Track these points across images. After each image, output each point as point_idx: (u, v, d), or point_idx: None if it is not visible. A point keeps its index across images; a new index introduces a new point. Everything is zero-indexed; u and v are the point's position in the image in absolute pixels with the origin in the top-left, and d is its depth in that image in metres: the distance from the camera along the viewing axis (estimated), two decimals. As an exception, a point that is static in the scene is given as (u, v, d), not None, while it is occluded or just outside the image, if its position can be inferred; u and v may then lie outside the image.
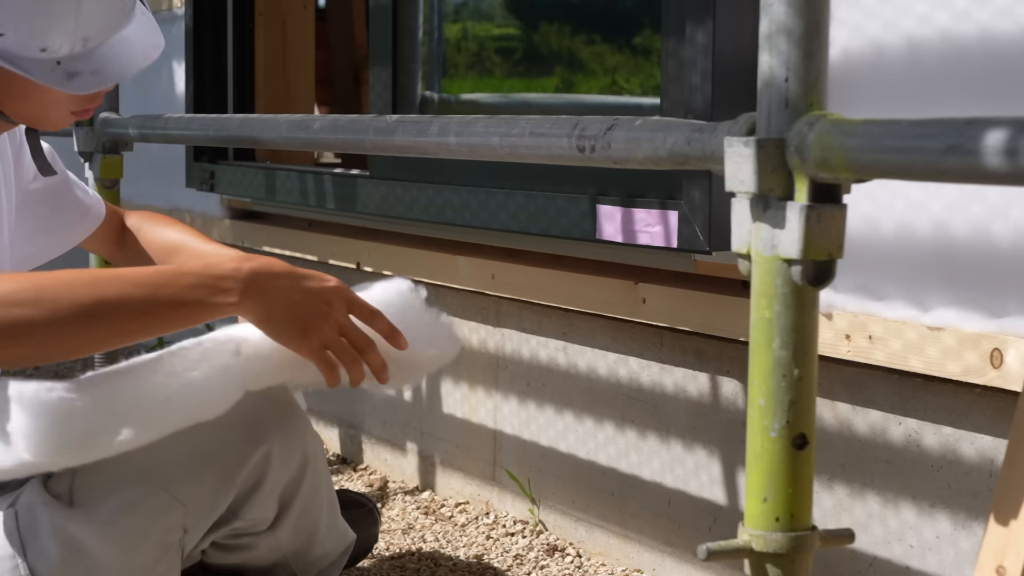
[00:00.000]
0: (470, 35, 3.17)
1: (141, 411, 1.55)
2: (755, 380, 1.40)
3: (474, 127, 1.86)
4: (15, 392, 1.53)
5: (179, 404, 1.57)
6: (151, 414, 1.55)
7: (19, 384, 1.54)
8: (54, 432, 1.52)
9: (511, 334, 2.90)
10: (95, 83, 1.66)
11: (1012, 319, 1.82)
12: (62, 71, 1.64)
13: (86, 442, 1.54)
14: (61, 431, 1.52)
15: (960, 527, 1.98)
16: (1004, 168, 1.15)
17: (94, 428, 1.53)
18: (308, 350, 1.62)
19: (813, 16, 1.36)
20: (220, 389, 1.58)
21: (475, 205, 2.76)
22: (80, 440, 1.53)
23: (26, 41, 1.60)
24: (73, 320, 1.52)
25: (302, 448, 1.68)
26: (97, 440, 1.54)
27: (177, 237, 2.14)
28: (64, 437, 1.52)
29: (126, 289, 1.55)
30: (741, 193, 1.40)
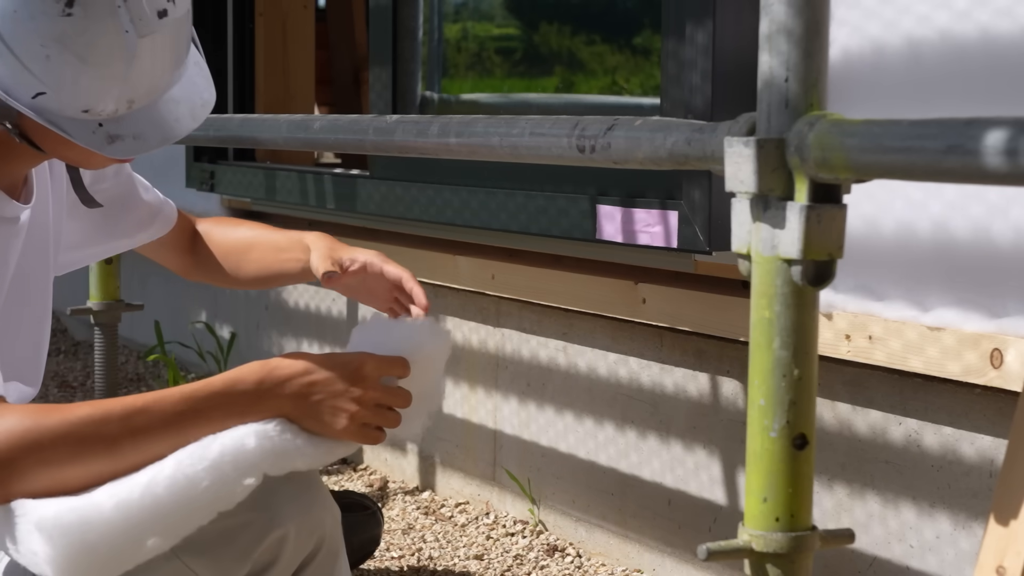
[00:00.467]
0: (470, 35, 3.17)
1: (165, 520, 1.55)
2: (755, 380, 1.40)
3: (474, 127, 1.86)
4: (36, 517, 1.52)
5: (201, 506, 1.56)
6: (172, 520, 1.55)
7: (39, 507, 1.52)
8: (80, 556, 1.51)
9: (511, 334, 2.90)
10: (137, 148, 1.60)
11: (1012, 319, 1.82)
12: (103, 133, 1.57)
13: (112, 560, 1.54)
14: (86, 554, 1.52)
15: (960, 527, 1.98)
16: (1004, 168, 1.15)
17: (119, 546, 1.53)
18: (348, 436, 1.65)
19: (813, 16, 1.36)
20: (239, 483, 1.58)
21: (475, 205, 2.76)
22: (106, 560, 1.53)
23: (68, 102, 1.54)
24: (103, 454, 1.54)
25: (320, 530, 1.68)
26: (123, 556, 1.54)
27: (248, 234, 2.14)
28: (90, 559, 1.52)
29: (153, 422, 1.57)
30: (741, 193, 1.40)
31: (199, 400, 1.59)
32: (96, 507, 1.52)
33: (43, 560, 1.51)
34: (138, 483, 1.54)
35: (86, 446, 1.52)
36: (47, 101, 1.54)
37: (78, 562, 1.51)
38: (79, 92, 1.54)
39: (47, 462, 1.51)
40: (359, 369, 1.65)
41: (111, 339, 3.27)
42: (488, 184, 2.73)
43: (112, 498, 1.53)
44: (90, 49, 1.52)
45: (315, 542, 1.69)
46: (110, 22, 1.51)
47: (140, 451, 1.56)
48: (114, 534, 1.52)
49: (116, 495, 1.53)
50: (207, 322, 4.23)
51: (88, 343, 4.92)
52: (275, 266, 2.09)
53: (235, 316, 4.12)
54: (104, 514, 1.52)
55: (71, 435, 1.52)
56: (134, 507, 1.53)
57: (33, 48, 1.51)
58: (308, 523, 1.65)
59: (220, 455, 1.57)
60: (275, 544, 1.63)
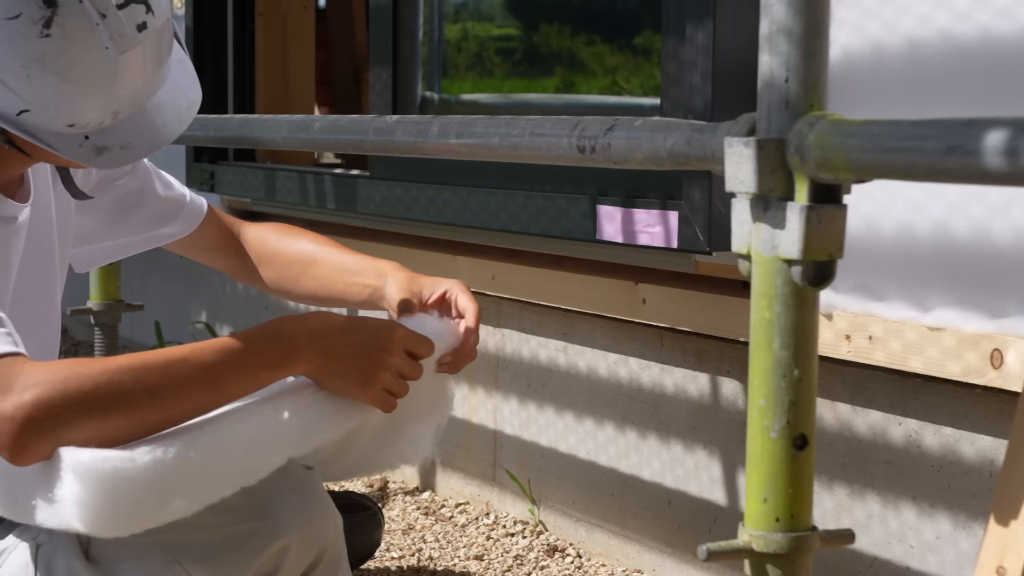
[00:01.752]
0: (470, 35, 3.17)
1: (190, 482, 1.55)
2: (755, 380, 1.40)
3: (474, 127, 1.86)
4: (70, 460, 1.52)
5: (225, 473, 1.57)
6: (199, 485, 1.56)
7: (74, 451, 1.52)
8: (107, 503, 1.51)
9: (511, 334, 2.90)
10: (125, 158, 1.60)
11: (1012, 319, 1.82)
12: (90, 146, 1.57)
13: (136, 514, 1.54)
14: (114, 503, 1.52)
15: (960, 527, 1.98)
16: (1004, 168, 1.15)
17: (145, 501, 1.54)
18: (368, 397, 1.66)
19: (813, 17, 1.36)
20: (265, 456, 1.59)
21: (475, 205, 2.76)
22: (130, 512, 1.53)
23: (52, 118, 1.54)
24: (144, 403, 1.54)
25: (322, 540, 1.68)
26: (147, 512, 1.54)
27: (312, 248, 2.07)
28: (116, 509, 1.52)
29: (192, 371, 1.57)
30: (741, 193, 1.40)
31: (235, 351, 1.59)
32: (131, 459, 1.52)
33: (71, 502, 1.51)
34: (173, 444, 1.54)
35: (125, 395, 1.52)
36: (31, 118, 1.53)
37: (105, 509, 1.51)
38: (62, 109, 1.53)
39: (88, 411, 1.50)
40: (391, 335, 1.66)
41: (111, 339, 3.27)
42: (488, 184, 2.73)
43: (147, 454, 1.53)
44: (71, 68, 1.51)
45: (317, 552, 1.69)
46: (89, 40, 1.51)
47: (180, 401, 1.56)
48: (143, 488, 1.52)
49: (152, 452, 1.53)
50: (207, 322, 4.23)
51: (88, 343, 4.92)
52: (339, 287, 2.04)
53: (235, 316, 4.12)
54: (138, 467, 1.52)
55: (111, 384, 1.51)
56: (166, 466, 1.53)
57: (14, 68, 1.50)
58: (311, 533, 1.65)
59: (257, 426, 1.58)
60: (277, 554, 1.64)
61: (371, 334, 1.65)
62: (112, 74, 1.53)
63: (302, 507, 1.64)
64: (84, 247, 1.97)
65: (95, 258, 2.03)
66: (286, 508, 1.62)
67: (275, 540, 1.62)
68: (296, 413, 1.62)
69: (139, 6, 1.53)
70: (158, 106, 1.63)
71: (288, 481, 1.64)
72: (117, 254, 2.08)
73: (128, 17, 1.52)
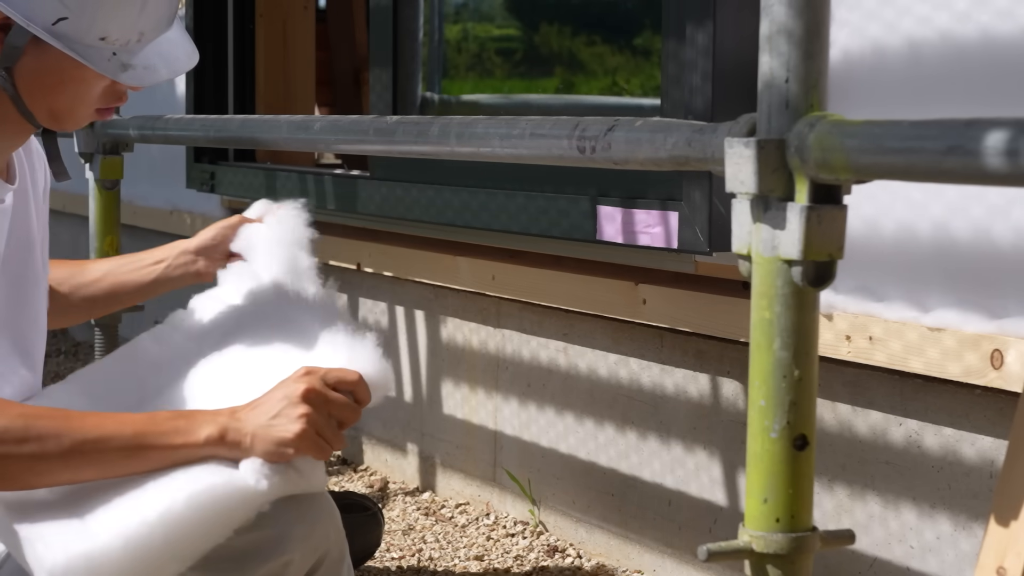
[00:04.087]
0: (470, 36, 3.17)
1: (174, 551, 1.54)
2: (756, 381, 1.40)
3: (475, 128, 1.86)
4: (48, 567, 1.51)
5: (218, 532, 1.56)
6: (190, 550, 1.55)
7: (49, 555, 1.51)
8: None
9: (512, 335, 2.90)
10: (147, 77, 1.69)
11: (1012, 320, 1.82)
12: (117, 62, 1.65)
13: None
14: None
15: (961, 528, 1.98)
16: (1005, 169, 1.15)
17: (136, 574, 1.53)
18: (303, 441, 1.62)
19: (813, 17, 1.36)
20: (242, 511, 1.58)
21: (476, 206, 2.76)
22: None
23: (87, 28, 1.61)
24: (58, 459, 1.55)
25: (324, 544, 1.67)
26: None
27: (103, 265, 2.13)
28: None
29: (111, 428, 1.58)
30: (741, 194, 1.40)
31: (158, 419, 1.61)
32: (105, 551, 1.51)
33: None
34: (147, 521, 1.53)
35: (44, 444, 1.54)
36: (67, 27, 1.60)
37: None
38: (98, 18, 1.61)
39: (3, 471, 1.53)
40: (304, 372, 1.66)
41: (111, 340, 3.27)
42: (488, 185, 2.74)
43: (120, 538, 1.52)
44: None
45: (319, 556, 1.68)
46: None
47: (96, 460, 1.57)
48: (127, 573, 1.51)
49: (125, 535, 1.52)
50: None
51: (88, 344, 4.92)
52: (127, 270, 2.10)
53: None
54: (115, 557, 1.51)
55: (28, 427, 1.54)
56: (145, 545, 1.52)
57: None
58: (312, 542, 1.65)
59: (232, 492, 1.56)
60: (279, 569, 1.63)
61: (288, 403, 1.63)
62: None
63: (303, 516, 1.62)
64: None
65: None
66: (289, 518, 1.61)
67: (279, 556, 1.61)
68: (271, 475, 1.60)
69: None
70: (171, 42, 1.74)
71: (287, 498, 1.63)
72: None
73: None
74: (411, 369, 3.25)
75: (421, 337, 3.20)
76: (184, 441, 1.59)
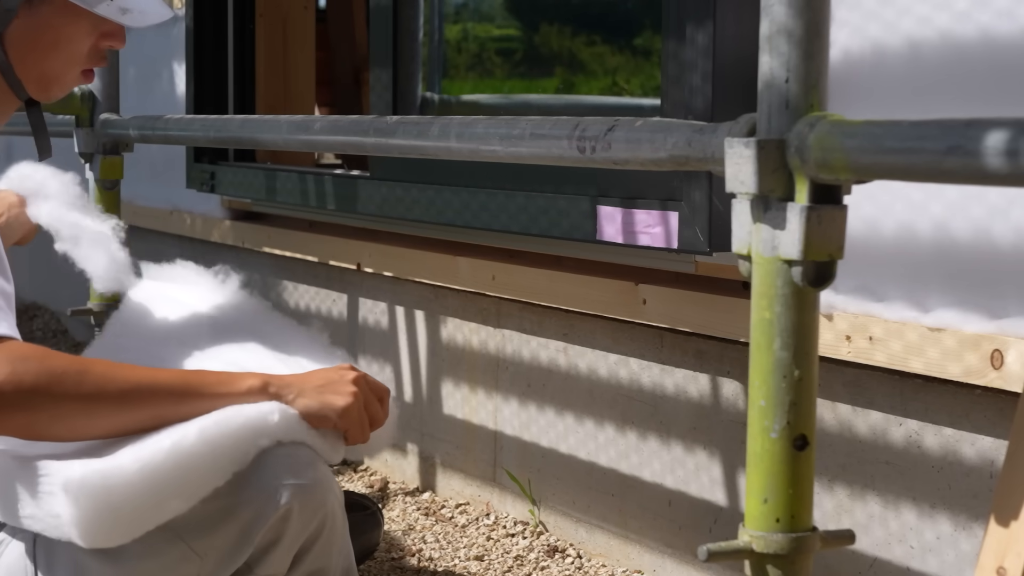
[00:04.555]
0: (470, 36, 3.17)
1: (183, 480, 1.59)
2: (756, 381, 1.40)
3: (475, 128, 1.86)
4: (62, 480, 1.55)
5: (220, 469, 1.61)
6: (192, 481, 1.59)
7: (64, 467, 1.56)
8: (103, 518, 1.55)
9: (512, 335, 2.90)
10: (143, 19, 1.80)
11: (1012, 320, 1.82)
12: (115, 6, 1.77)
13: (135, 521, 1.58)
14: (110, 516, 1.55)
15: (961, 528, 1.98)
16: (1005, 169, 1.15)
17: (142, 507, 1.57)
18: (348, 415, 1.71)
19: (813, 17, 1.36)
20: (251, 448, 1.63)
21: (476, 206, 2.76)
22: (129, 521, 1.57)
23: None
24: (114, 400, 1.59)
25: (323, 509, 1.69)
26: (145, 518, 1.58)
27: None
28: (113, 522, 1.56)
29: (163, 375, 1.65)
30: (741, 194, 1.40)
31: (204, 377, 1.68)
32: (120, 469, 1.55)
33: (67, 521, 1.55)
34: (161, 448, 1.57)
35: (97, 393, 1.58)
36: None
37: (102, 523, 1.55)
38: None
39: (56, 397, 1.55)
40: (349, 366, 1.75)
41: (112, 340, 3.26)
42: (488, 185, 2.73)
43: (137, 461, 1.56)
44: None
45: (318, 521, 1.69)
46: None
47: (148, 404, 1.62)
48: (138, 496, 1.56)
49: (140, 458, 1.57)
50: (207, 323, 4.23)
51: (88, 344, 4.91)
52: None
53: (235, 317, 4.12)
54: (128, 476, 1.55)
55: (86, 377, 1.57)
56: (158, 471, 1.56)
57: None
58: (311, 501, 1.66)
59: (243, 427, 1.62)
60: (278, 523, 1.64)
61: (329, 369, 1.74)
62: None
63: (299, 474, 1.66)
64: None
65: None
66: (284, 476, 1.64)
67: (277, 507, 1.63)
68: (285, 415, 1.66)
69: None
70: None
71: (283, 449, 1.65)
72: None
73: None
74: (411, 369, 3.25)
75: (421, 337, 3.20)
76: (227, 390, 1.65)
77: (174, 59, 4.22)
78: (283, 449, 1.65)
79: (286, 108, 4.01)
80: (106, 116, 3.10)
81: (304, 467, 1.66)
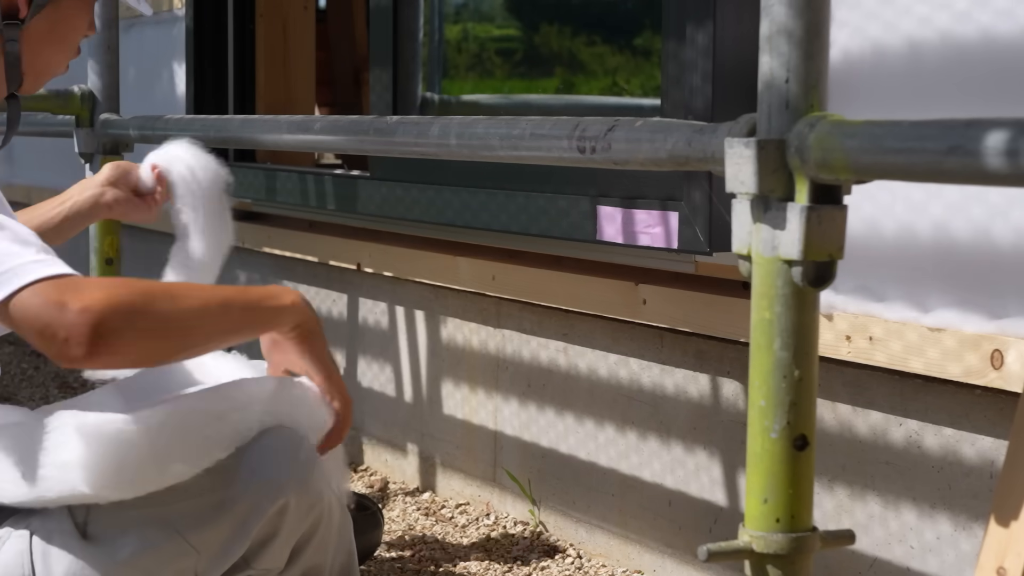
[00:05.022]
0: (471, 36, 3.17)
1: (189, 446, 1.61)
2: (756, 381, 1.40)
3: (475, 128, 1.86)
4: (76, 422, 1.58)
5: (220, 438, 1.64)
6: (197, 449, 1.62)
7: (79, 414, 1.59)
8: (111, 465, 1.57)
9: (512, 335, 2.90)
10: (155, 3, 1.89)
11: (1012, 320, 1.82)
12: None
13: (139, 476, 1.60)
14: (117, 465, 1.57)
15: (961, 528, 1.98)
16: (1005, 169, 1.16)
17: (147, 464, 1.59)
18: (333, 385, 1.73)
19: (814, 18, 1.36)
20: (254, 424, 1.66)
21: (476, 206, 2.76)
22: (134, 474, 1.59)
23: None
24: (195, 314, 1.62)
25: (319, 503, 1.69)
26: (149, 474, 1.60)
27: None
28: (119, 471, 1.58)
29: (229, 289, 1.70)
30: (742, 194, 1.40)
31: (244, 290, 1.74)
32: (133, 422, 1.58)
33: (76, 464, 1.57)
34: (169, 411, 1.61)
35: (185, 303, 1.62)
36: None
37: (108, 471, 1.57)
38: None
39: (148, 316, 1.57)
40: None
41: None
42: (488, 185, 2.73)
43: (150, 418, 1.60)
44: None
45: (315, 516, 1.70)
46: None
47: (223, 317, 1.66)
48: (145, 451, 1.58)
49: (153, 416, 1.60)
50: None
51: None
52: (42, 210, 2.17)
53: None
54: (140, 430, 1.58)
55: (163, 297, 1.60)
56: (167, 430, 1.59)
57: None
58: (307, 494, 1.67)
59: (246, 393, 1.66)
60: (275, 517, 1.65)
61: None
62: None
63: (296, 467, 1.66)
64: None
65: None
66: (281, 468, 1.64)
67: (274, 500, 1.64)
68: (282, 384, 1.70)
69: None
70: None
71: (281, 443, 1.66)
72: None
73: None
74: (411, 369, 3.25)
75: (421, 337, 3.20)
76: (278, 303, 1.69)
77: (174, 59, 4.22)
78: (281, 443, 1.66)
79: (286, 108, 4.01)
80: (106, 116, 3.10)
81: (302, 462, 1.67)
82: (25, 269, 1.53)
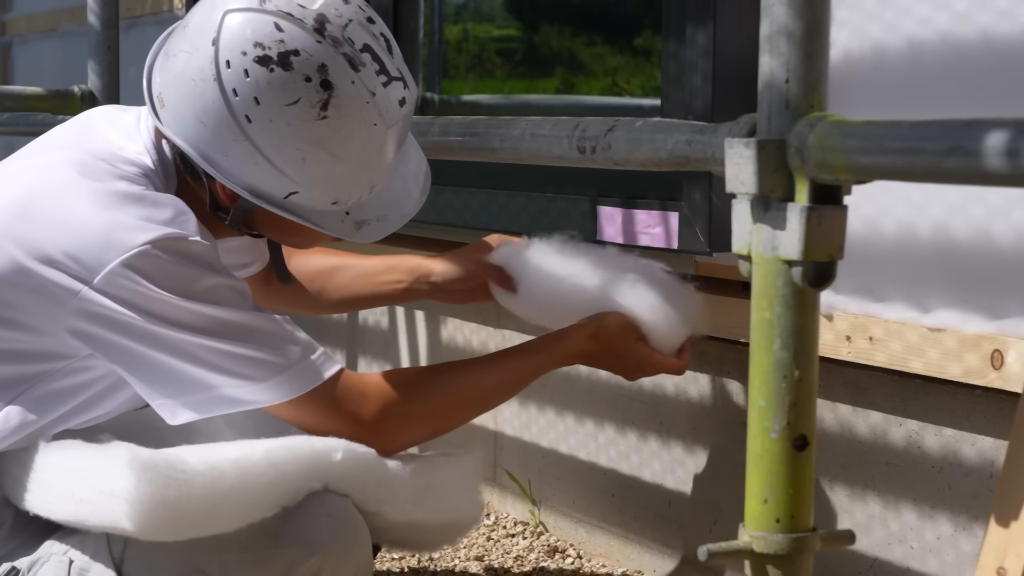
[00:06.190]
0: (471, 36, 3.17)
1: (239, 497, 1.58)
2: (756, 381, 1.40)
3: (475, 128, 1.87)
4: (129, 456, 1.54)
5: (275, 496, 1.60)
6: (247, 501, 1.58)
7: (134, 448, 1.56)
8: (159, 505, 1.53)
9: (512, 335, 2.90)
10: (381, 230, 1.71)
11: (1012, 320, 1.82)
12: (351, 221, 1.67)
13: (184, 521, 1.55)
14: (166, 506, 1.53)
15: (961, 529, 1.98)
16: (1005, 169, 1.16)
17: (196, 511, 1.55)
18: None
19: (814, 18, 1.36)
20: (307, 481, 1.63)
21: (476, 207, 2.76)
22: (179, 519, 1.55)
23: (320, 197, 1.62)
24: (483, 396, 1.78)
25: (353, 568, 1.67)
26: (194, 522, 1.56)
27: (329, 261, 2.16)
28: (167, 513, 1.54)
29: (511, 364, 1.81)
30: (742, 194, 1.40)
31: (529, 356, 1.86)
32: (185, 463, 1.55)
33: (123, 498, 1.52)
34: (228, 456, 1.58)
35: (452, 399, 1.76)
36: (299, 199, 1.61)
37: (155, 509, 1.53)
38: (331, 187, 1.61)
39: (429, 409, 1.71)
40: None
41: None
42: (489, 186, 2.73)
43: (203, 461, 1.56)
44: (344, 146, 1.59)
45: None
46: (362, 119, 1.58)
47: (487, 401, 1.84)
48: (197, 498, 1.55)
49: (207, 460, 1.57)
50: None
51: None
52: (366, 291, 2.15)
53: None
54: (191, 473, 1.55)
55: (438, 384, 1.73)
56: (221, 477, 1.56)
57: (289, 152, 1.57)
58: (344, 561, 1.64)
59: (308, 456, 1.62)
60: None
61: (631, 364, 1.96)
62: (378, 150, 1.62)
63: (336, 533, 1.63)
64: None
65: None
66: (321, 533, 1.62)
67: (307, 560, 1.61)
68: (348, 453, 1.65)
69: (399, 83, 1.62)
70: (402, 176, 1.74)
71: (324, 507, 1.64)
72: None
73: (392, 93, 1.61)
74: (411, 369, 3.25)
75: (421, 337, 3.20)
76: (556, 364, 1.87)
77: (174, 59, 4.21)
78: (324, 507, 1.64)
79: (286, 108, 4.00)
80: (106, 116, 3.09)
81: (342, 525, 1.64)
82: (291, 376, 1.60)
